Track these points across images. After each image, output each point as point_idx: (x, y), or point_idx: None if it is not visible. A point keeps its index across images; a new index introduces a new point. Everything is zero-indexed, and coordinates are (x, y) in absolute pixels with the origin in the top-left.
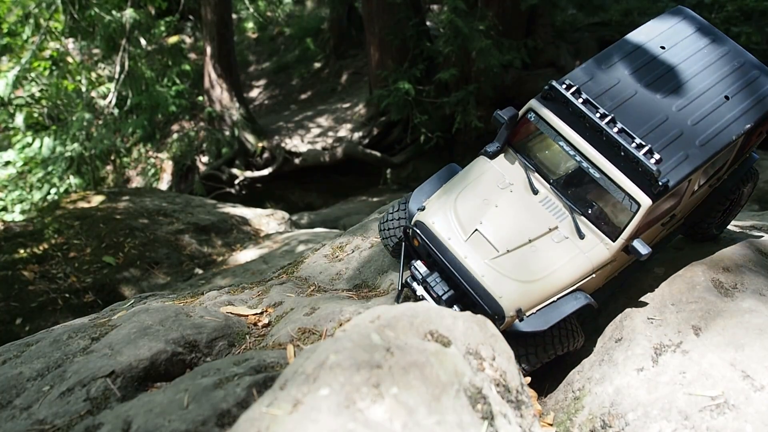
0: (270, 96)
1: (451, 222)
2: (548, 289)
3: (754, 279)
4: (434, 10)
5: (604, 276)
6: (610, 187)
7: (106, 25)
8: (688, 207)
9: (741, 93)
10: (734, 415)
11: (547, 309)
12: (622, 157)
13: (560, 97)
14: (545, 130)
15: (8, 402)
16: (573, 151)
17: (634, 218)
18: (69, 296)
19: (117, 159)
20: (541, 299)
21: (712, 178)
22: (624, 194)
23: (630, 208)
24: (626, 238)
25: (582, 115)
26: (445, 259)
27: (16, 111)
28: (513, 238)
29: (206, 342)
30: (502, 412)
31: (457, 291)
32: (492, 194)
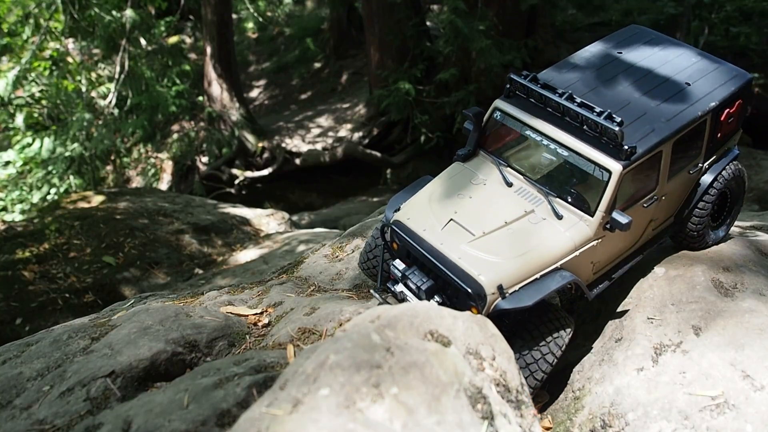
0: (270, 96)
1: (426, 216)
2: (529, 266)
3: (754, 279)
4: (434, 10)
5: (598, 259)
6: (579, 161)
7: (106, 25)
8: (671, 199)
9: (702, 80)
10: (734, 415)
11: (530, 286)
12: (586, 133)
13: (521, 89)
14: (512, 125)
15: (8, 402)
16: (540, 136)
17: (608, 187)
18: (69, 296)
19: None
20: (523, 276)
21: (690, 165)
22: (593, 165)
23: (602, 177)
24: (604, 210)
25: (543, 101)
26: (421, 249)
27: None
28: (488, 222)
29: (206, 342)
30: (502, 411)
31: (437, 281)
32: (466, 189)
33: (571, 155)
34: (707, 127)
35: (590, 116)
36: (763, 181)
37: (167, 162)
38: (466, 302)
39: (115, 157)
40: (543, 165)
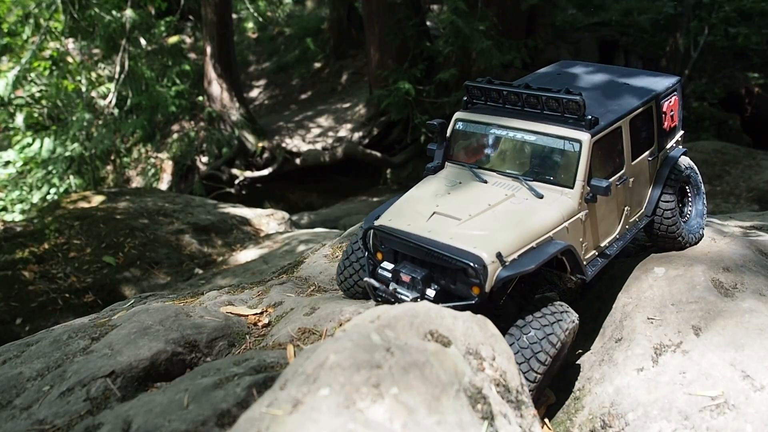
0: (270, 96)
1: (408, 215)
2: (523, 236)
3: (754, 279)
4: (434, 10)
5: (586, 239)
6: (548, 141)
7: (106, 25)
8: (639, 184)
9: (641, 80)
10: (734, 415)
11: (528, 253)
12: (547, 115)
13: (479, 95)
14: (476, 129)
15: (8, 402)
16: (505, 130)
17: (581, 157)
18: (69, 296)
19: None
20: (519, 245)
21: (647, 151)
22: (562, 140)
23: (573, 149)
24: (582, 179)
25: (502, 98)
26: (410, 241)
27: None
28: (473, 207)
29: (206, 342)
30: (502, 412)
31: (432, 270)
32: (443, 189)
33: (538, 138)
34: (654, 114)
35: (551, 94)
36: (763, 181)
37: (167, 162)
38: (465, 283)
39: (115, 157)
40: (512, 157)
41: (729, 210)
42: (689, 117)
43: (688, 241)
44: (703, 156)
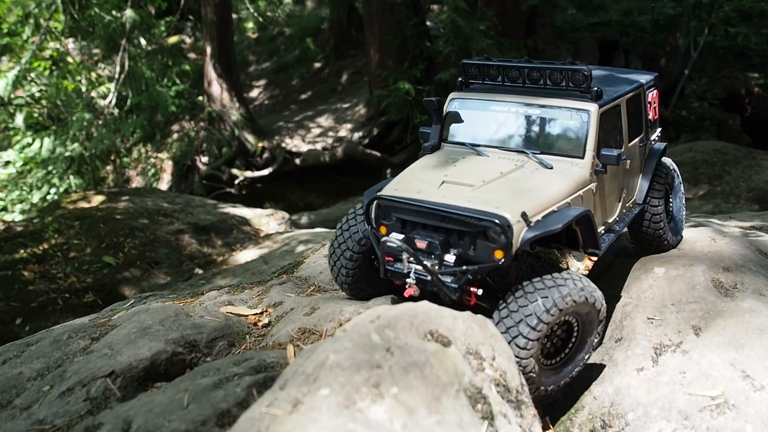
0: (270, 96)
1: (415, 184)
2: (542, 199)
3: (754, 279)
4: (434, 10)
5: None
6: (554, 114)
7: (106, 25)
8: (633, 168)
9: (624, 75)
10: (734, 415)
11: (551, 216)
12: (550, 89)
13: (476, 74)
14: (474, 107)
15: (8, 402)
16: (507, 105)
17: (590, 127)
18: (69, 296)
19: (117, 159)
20: (540, 207)
21: (638, 136)
22: (570, 111)
23: (582, 120)
24: (592, 148)
25: (502, 73)
26: (423, 206)
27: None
28: (485, 176)
29: (206, 342)
30: (502, 412)
31: (447, 235)
32: (447, 162)
33: (543, 111)
34: (642, 102)
35: (555, 66)
36: (763, 181)
37: (167, 162)
38: (486, 248)
39: (115, 157)
40: (515, 133)
41: (729, 210)
42: (689, 117)
43: (671, 243)
44: (703, 156)
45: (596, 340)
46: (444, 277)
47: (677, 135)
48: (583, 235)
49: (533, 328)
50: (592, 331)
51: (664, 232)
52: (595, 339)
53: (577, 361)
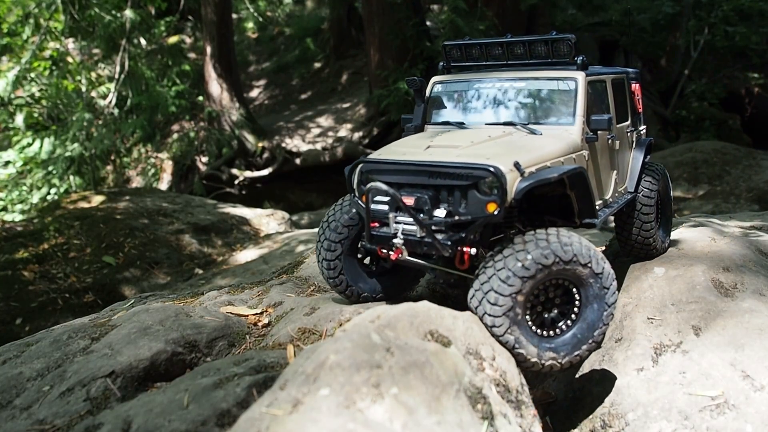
0: (270, 96)
1: (400, 151)
2: (534, 155)
3: (754, 279)
4: (434, 10)
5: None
6: (541, 85)
7: (106, 25)
8: (622, 153)
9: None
10: (734, 415)
11: (545, 170)
12: (534, 63)
13: (456, 56)
14: (457, 88)
15: (8, 402)
16: (490, 82)
17: (578, 94)
18: (69, 296)
19: (117, 159)
20: (533, 161)
21: (624, 122)
22: (556, 81)
23: (569, 88)
24: (581, 114)
25: (482, 54)
26: (410, 165)
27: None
28: (473, 139)
29: (206, 342)
30: (502, 412)
31: (436, 192)
32: (431, 135)
33: (529, 83)
34: (626, 89)
35: (539, 37)
36: (763, 181)
37: (167, 162)
38: (478, 202)
39: (115, 157)
40: (502, 108)
41: (729, 210)
42: (689, 117)
43: (659, 250)
44: (703, 156)
45: (607, 310)
46: (436, 234)
47: (677, 135)
48: (579, 201)
49: (504, 282)
50: (597, 298)
51: (654, 240)
52: (606, 308)
53: (583, 331)
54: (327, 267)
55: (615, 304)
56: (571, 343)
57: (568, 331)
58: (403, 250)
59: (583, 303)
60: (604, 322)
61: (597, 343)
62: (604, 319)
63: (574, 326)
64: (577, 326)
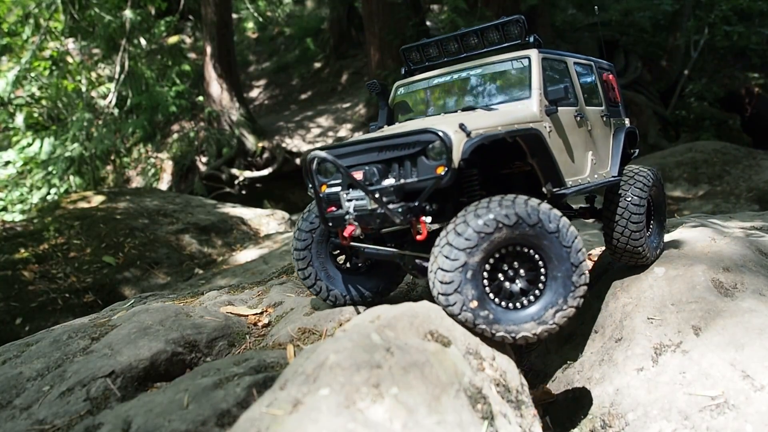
0: (270, 96)
1: (353, 139)
2: (484, 121)
3: (754, 279)
4: (434, 10)
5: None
6: (495, 68)
7: (106, 25)
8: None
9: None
10: (734, 415)
11: (495, 132)
12: (489, 51)
13: (417, 59)
14: (418, 87)
15: (8, 402)
16: (448, 76)
17: (533, 69)
18: (69, 296)
19: (117, 159)
20: (481, 126)
21: (597, 106)
22: (510, 61)
23: (523, 65)
24: (538, 87)
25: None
26: (360, 144)
27: (16, 111)
28: (425, 119)
29: (206, 342)
30: (502, 412)
31: (387, 165)
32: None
33: (484, 69)
34: (596, 77)
35: (489, 24)
36: (763, 181)
37: (167, 162)
38: (428, 168)
39: (115, 157)
40: (460, 96)
41: (729, 210)
42: (689, 117)
43: (650, 258)
44: (703, 156)
45: (576, 270)
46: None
47: (677, 135)
48: (542, 168)
49: (460, 235)
50: (564, 269)
51: (643, 248)
52: (574, 269)
53: (547, 304)
54: (297, 258)
55: (584, 264)
56: (540, 313)
57: (536, 302)
58: (356, 226)
59: (549, 272)
60: (576, 284)
61: (573, 307)
62: (575, 281)
63: (543, 295)
64: (547, 295)
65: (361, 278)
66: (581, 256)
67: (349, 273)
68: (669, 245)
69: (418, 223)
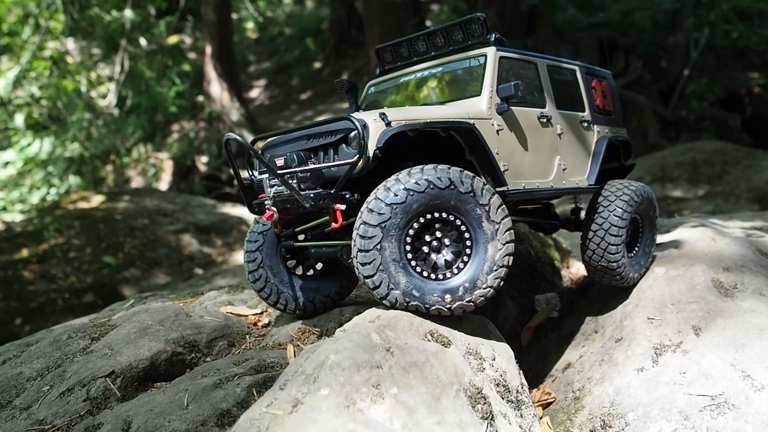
0: (270, 96)
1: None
2: (415, 113)
3: (754, 279)
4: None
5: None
6: (454, 66)
7: (106, 25)
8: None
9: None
10: (734, 415)
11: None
12: (454, 50)
13: (389, 59)
14: (387, 86)
15: (8, 402)
16: (412, 75)
17: (487, 67)
18: (69, 296)
19: (117, 159)
20: (407, 117)
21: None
22: (468, 59)
23: (479, 63)
24: (489, 85)
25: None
26: (288, 133)
27: (16, 111)
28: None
29: (206, 342)
30: (502, 412)
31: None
32: None
33: (445, 67)
34: (580, 82)
35: (451, 23)
36: (763, 181)
37: (167, 162)
38: (346, 153)
39: (115, 157)
40: (421, 94)
41: (729, 210)
42: (689, 117)
43: (628, 280)
44: (703, 156)
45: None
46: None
47: (677, 135)
48: (480, 165)
49: (373, 211)
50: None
51: (621, 267)
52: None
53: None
54: (246, 259)
55: (511, 245)
56: (461, 286)
57: (460, 274)
58: (274, 211)
59: (473, 240)
60: (498, 264)
61: (492, 287)
62: (498, 261)
63: (468, 268)
64: (472, 267)
65: (314, 283)
66: (508, 236)
67: (301, 278)
68: (669, 245)
69: (335, 212)
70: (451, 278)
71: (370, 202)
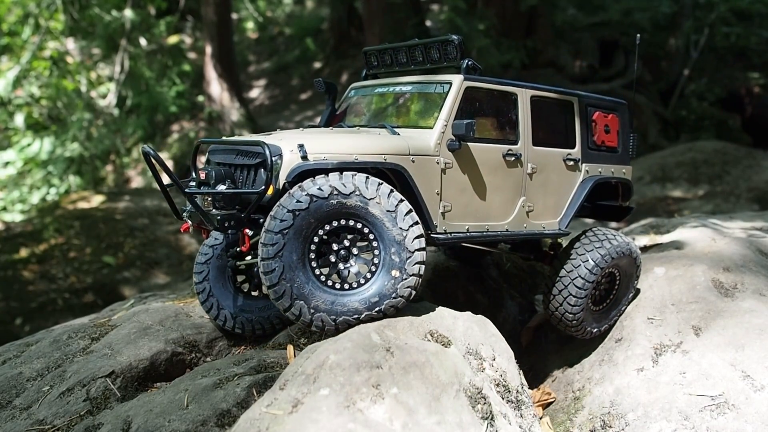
0: (270, 96)
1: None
2: (342, 144)
3: (754, 279)
4: (434, 10)
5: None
6: (421, 88)
7: (106, 25)
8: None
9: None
10: (734, 415)
11: (346, 162)
12: (429, 68)
13: (375, 63)
14: (364, 93)
15: (8, 402)
16: (385, 87)
17: (448, 97)
18: (69, 296)
19: (117, 159)
20: (333, 150)
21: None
22: (434, 84)
23: (443, 91)
24: (444, 119)
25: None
26: (230, 145)
27: (16, 111)
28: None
29: (206, 342)
30: (502, 412)
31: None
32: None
33: (413, 87)
34: (576, 113)
35: (428, 40)
36: (763, 181)
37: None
38: (262, 179)
39: (115, 157)
40: (386, 111)
41: (729, 210)
42: (689, 117)
43: (583, 333)
44: (703, 156)
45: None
46: (215, 209)
47: (677, 135)
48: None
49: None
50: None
51: (578, 320)
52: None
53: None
54: (196, 281)
55: (421, 252)
56: (371, 297)
57: (368, 284)
58: (189, 224)
59: (381, 248)
60: (408, 272)
61: (403, 297)
62: (408, 269)
63: (376, 277)
64: (380, 277)
65: (260, 303)
66: (418, 244)
67: (246, 297)
68: (669, 245)
69: (244, 236)
70: (358, 288)
71: (274, 209)
